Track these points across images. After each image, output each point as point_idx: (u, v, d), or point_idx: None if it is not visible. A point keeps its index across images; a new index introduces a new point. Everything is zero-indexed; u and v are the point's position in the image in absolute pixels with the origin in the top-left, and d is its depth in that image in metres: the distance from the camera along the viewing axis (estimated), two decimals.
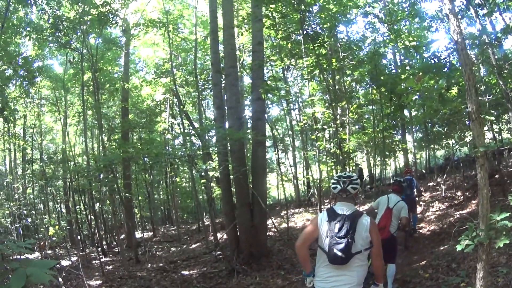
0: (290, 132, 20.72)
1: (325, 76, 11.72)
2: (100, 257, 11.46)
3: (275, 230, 11.68)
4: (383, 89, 9.74)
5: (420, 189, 11.70)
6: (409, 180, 9.56)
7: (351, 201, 3.31)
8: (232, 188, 9.91)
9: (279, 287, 7.46)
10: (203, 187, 17.30)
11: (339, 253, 3.01)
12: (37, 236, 14.85)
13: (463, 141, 13.47)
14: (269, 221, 10.63)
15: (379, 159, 14.32)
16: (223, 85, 10.68)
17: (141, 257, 11.76)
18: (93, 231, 17.08)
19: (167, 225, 23.30)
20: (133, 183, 18.05)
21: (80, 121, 20.34)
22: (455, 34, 3.73)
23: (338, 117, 13.87)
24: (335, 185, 3.34)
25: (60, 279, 8.23)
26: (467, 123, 11.28)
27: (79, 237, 16.10)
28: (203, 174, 12.69)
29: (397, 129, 14.64)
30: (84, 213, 17.00)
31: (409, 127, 17.76)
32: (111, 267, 11.12)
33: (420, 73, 8.63)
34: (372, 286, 3.38)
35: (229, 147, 9.50)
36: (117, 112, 19.90)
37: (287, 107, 17.64)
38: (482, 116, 4.32)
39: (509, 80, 8.90)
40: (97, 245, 14.40)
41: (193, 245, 13.54)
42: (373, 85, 11.35)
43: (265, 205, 9.33)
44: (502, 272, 5.30)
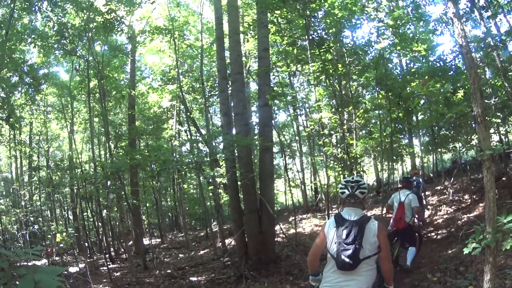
0: (297, 137, 20.64)
1: (331, 81, 11.72)
2: (108, 263, 11.51)
3: (283, 236, 11.65)
4: (390, 94, 9.70)
5: (425, 190, 12.13)
6: (416, 181, 10.44)
7: (359, 206, 3.30)
8: (239, 194, 9.89)
9: None
10: (211, 194, 17.27)
11: (347, 260, 3.02)
12: (44, 243, 14.93)
13: (470, 144, 13.40)
14: (277, 227, 10.61)
15: (386, 163, 14.25)
16: (229, 92, 10.74)
17: (149, 263, 11.76)
18: (100, 238, 17.16)
19: (175, 232, 23.36)
20: (141, 190, 18.08)
21: (86, 128, 20.47)
22: (460, 37, 3.75)
23: (345, 122, 13.86)
24: (343, 190, 3.34)
25: (68, 286, 8.26)
26: (473, 126, 11.25)
27: (86, 244, 16.15)
28: (210, 180, 12.70)
29: (404, 133, 14.58)
30: (91, 220, 17.06)
31: (416, 131, 17.69)
32: (119, 273, 11.14)
33: (426, 77, 8.65)
34: None
35: (237, 154, 9.49)
36: (123, 119, 19.93)
37: (294, 113, 17.62)
38: (488, 118, 4.33)
39: None
40: (104, 251, 14.45)
41: (201, 252, 13.54)
42: (380, 89, 11.32)
43: (273, 211, 9.30)
44: (509, 274, 5.31)
